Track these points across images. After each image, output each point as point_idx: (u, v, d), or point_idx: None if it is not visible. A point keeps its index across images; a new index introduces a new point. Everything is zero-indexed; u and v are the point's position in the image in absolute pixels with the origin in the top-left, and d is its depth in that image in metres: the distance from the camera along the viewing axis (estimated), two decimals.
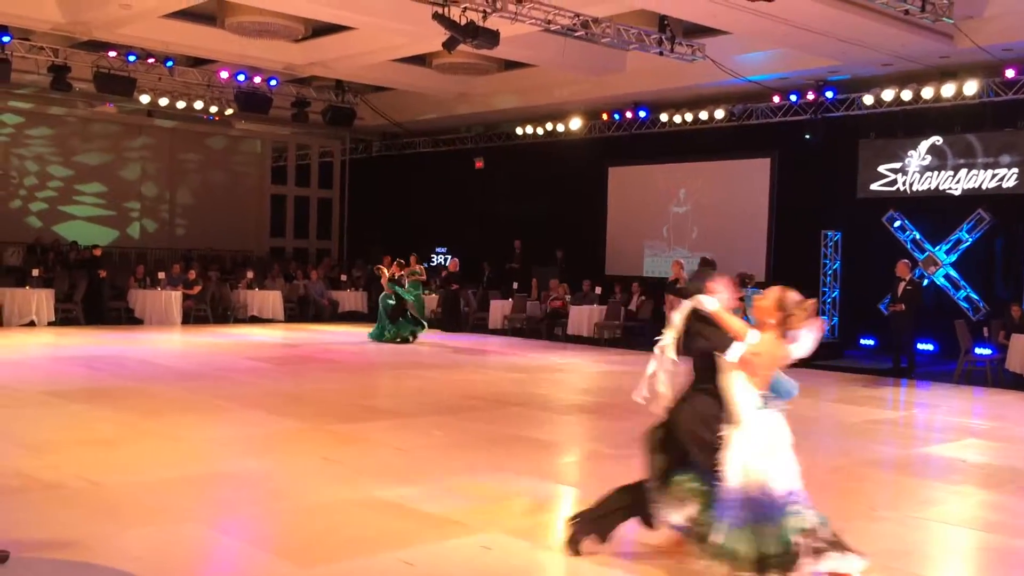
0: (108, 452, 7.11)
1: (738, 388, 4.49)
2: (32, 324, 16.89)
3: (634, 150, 19.76)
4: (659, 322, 16.41)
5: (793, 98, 16.91)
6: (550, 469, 7.25)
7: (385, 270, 16.97)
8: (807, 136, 16.88)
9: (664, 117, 18.71)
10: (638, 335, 17.21)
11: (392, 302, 16.61)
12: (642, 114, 19.03)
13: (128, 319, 18.43)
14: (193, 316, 18.85)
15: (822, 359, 14.65)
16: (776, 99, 17.13)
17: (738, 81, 15.95)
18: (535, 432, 8.48)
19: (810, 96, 16.67)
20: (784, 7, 11.80)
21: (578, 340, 17.46)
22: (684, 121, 18.45)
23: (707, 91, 17.33)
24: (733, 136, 18.10)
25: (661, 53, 14.32)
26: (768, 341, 4.48)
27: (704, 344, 4.68)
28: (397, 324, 16.56)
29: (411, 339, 16.64)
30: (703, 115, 18.11)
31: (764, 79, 16.29)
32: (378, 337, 16.58)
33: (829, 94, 16.48)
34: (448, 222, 23.06)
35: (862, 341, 16.51)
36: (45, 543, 4.80)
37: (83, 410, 8.84)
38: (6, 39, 16.03)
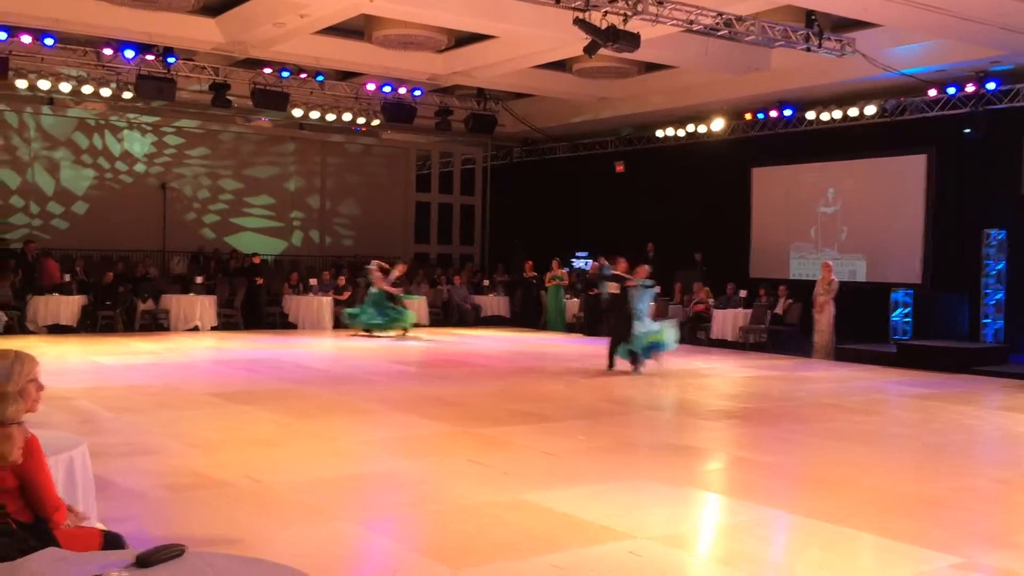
0: (269, 451, 7.45)
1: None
2: (196, 329, 17.87)
3: (779, 150, 19.26)
4: (807, 325, 15.99)
5: (951, 91, 16.10)
6: (696, 475, 7.16)
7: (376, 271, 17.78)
8: (967, 131, 16.06)
9: (811, 115, 18.16)
10: (785, 339, 16.77)
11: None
12: (787, 113, 18.53)
13: (283, 324, 19.25)
14: (343, 321, 19.48)
15: (985, 364, 13.95)
16: (932, 93, 16.36)
17: (891, 75, 15.32)
18: (680, 438, 8.39)
19: (970, 88, 15.84)
20: None
21: (722, 344, 17.15)
22: (832, 119, 17.86)
23: (857, 86, 16.71)
24: (886, 133, 17.40)
25: (808, 49, 13.91)
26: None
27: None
28: (387, 316, 17.45)
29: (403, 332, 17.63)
30: (853, 112, 17.48)
31: (919, 72, 15.60)
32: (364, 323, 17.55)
33: (991, 85, 15.62)
34: (589, 226, 23.05)
35: None
36: (216, 539, 5.10)
37: (244, 411, 9.28)
38: (171, 60, 17.06)
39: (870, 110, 17.26)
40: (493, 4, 13.75)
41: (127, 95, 18.03)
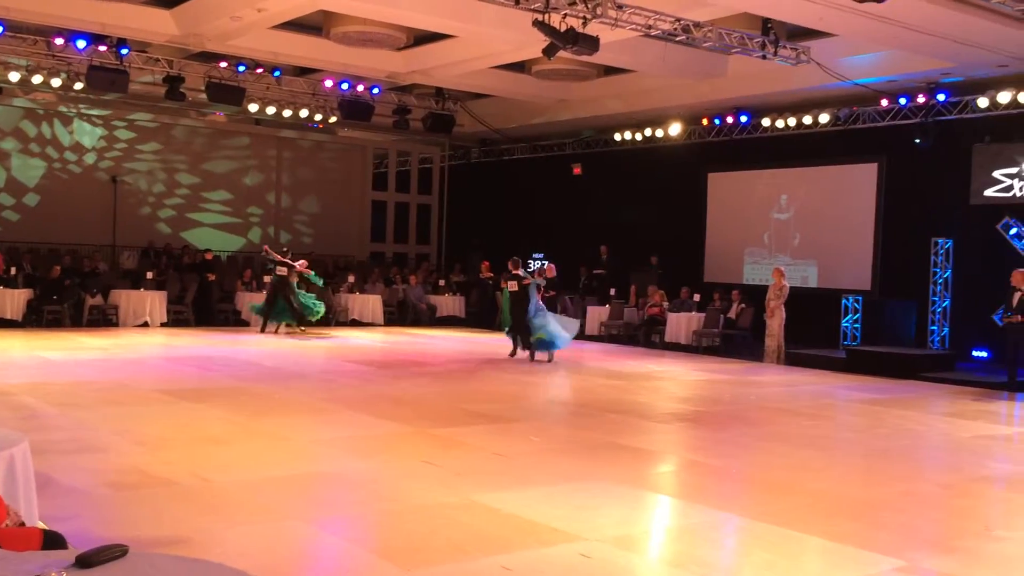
0: (218, 450, 7.35)
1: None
2: (145, 325, 17.61)
3: (735, 155, 19.47)
4: (759, 330, 16.19)
5: (903, 101, 16.41)
6: (647, 478, 7.20)
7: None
8: (917, 140, 16.35)
9: (766, 122, 18.37)
10: (738, 343, 16.95)
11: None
12: (743, 119, 18.74)
13: (235, 321, 19.02)
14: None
15: (932, 370, 14.21)
16: (884, 102, 16.65)
17: (844, 84, 15.56)
18: (633, 440, 8.43)
19: (921, 99, 16.14)
20: (894, 8, 11.47)
21: (676, 348, 17.29)
22: (787, 126, 18.09)
23: (812, 95, 16.95)
24: (839, 141, 17.66)
25: (764, 57, 14.06)
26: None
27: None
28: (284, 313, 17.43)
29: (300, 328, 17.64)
30: (807, 119, 17.73)
31: (872, 82, 15.86)
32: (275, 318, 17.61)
33: (941, 97, 15.94)
34: (546, 228, 23.11)
35: (974, 353, 15.87)
36: (160, 539, 5.01)
37: (194, 409, 9.15)
38: (124, 51, 16.77)
39: (824, 118, 17.52)
40: (453, 4, 13.73)
41: (78, 86, 17.70)
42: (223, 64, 17.95)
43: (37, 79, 17.46)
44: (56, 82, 17.59)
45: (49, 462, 6.26)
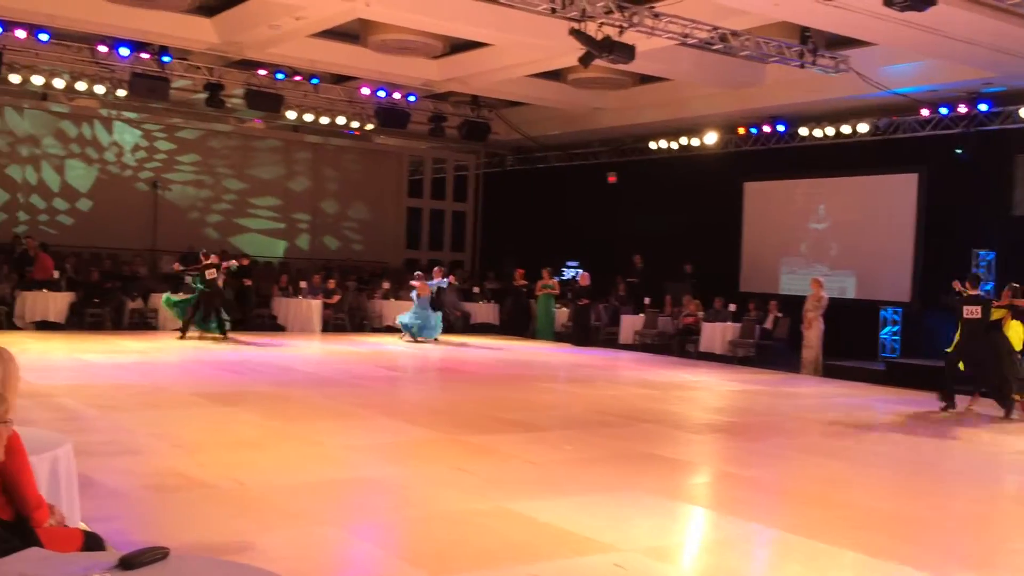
0: (253, 454, 7.43)
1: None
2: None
3: (771, 165, 19.34)
4: (796, 341, 16.04)
5: (943, 111, 16.21)
6: (682, 489, 7.17)
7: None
8: (958, 151, 16.14)
9: (804, 131, 18.24)
10: (774, 354, 16.81)
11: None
12: (780, 128, 18.62)
13: (272, 326, 19.20)
14: (332, 324, 19.48)
15: (972, 384, 13.98)
16: (925, 112, 16.45)
17: (884, 94, 15.40)
18: (666, 450, 8.40)
19: (962, 109, 15.94)
20: (936, 17, 11.34)
21: (711, 357, 17.19)
22: (825, 135, 17.94)
23: (850, 104, 16.80)
24: (878, 151, 17.48)
25: (802, 66, 13.99)
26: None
27: None
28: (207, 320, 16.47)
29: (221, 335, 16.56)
30: (845, 129, 17.57)
31: (912, 91, 15.68)
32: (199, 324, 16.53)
33: (983, 107, 15.72)
34: (580, 236, 23.09)
35: None
36: (198, 541, 5.08)
37: (230, 413, 9.26)
38: (166, 58, 17.03)
39: (863, 128, 17.35)
40: (489, 12, 13.78)
41: (121, 93, 17.99)
42: (262, 72, 18.17)
43: (81, 86, 17.76)
44: (100, 89, 17.89)
45: (90, 463, 6.36)
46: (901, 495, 7.26)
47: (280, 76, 18.30)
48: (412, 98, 19.76)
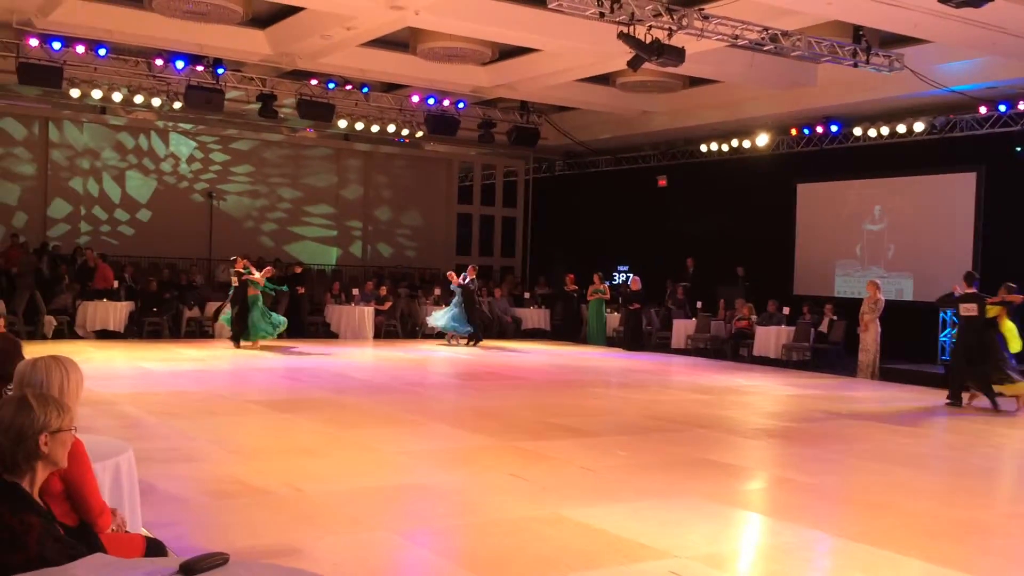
0: (310, 460, 7.50)
1: None
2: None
3: (825, 166, 19.07)
4: (852, 344, 15.78)
5: (1002, 108, 15.85)
6: (737, 494, 7.07)
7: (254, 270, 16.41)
8: (1018, 148, 15.78)
9: (858, 131, 17.96)
10: (830, 358, 16.55)
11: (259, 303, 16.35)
12: (834, 128, 18.35)
13: (325, 333, 19.39)
14: (384, 331, 19.62)
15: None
16: (983, 110, 16.11)
17: (940, 92, 15.11)
18: (722, 455, 8.30)
19: (1021, 106, 15.57)
20: (992, 13, 11.10)
21: (764, 362, 16.99)
22: (880, 135, 17.65)
23: (905, 102, 16.51)
24: (934, 150, 17.15)
25: (856, 65, 13.77)
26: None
27: None
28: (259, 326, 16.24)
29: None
30: (901, 128, 17.26)
31: (969, 89, 15.37)
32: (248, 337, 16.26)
33: None
34: (630, 240, 22.98)
35: None
36: (256, 547, 5.13)
37: (286, 419, 9.36)
38: (220, 70, 17.32)
39: (919, 127, 17.04)
40: (537, 18, 13.79)
41: (177, 105, 18.33)
42: (314, 82, 18.39)
43: (138, 99, 18.12)
44: (156, 102, 18.25)
45: (150, 470, 6.47)
46: (969, 502, 7.07)
47: (331, 85, 18.51)
48: (461, 105, 19.85)
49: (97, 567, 2.73)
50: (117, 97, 18.01)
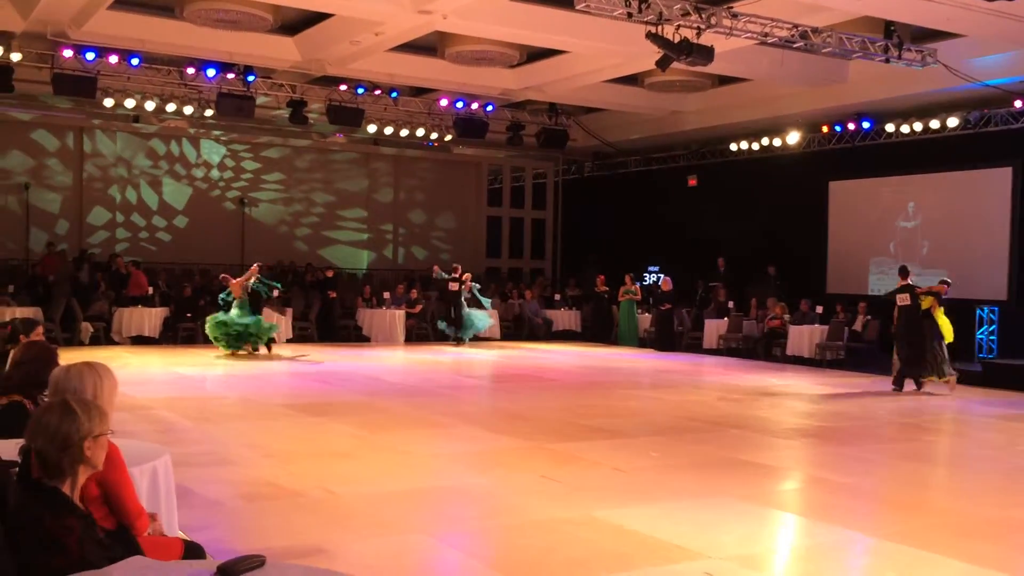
0: (342, 463, 7.55)
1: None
2: (272, 341, 18.17)
3: (857, 163, 18.88)
4: (887, 343, 15.59)
5: None
6: (772, 495, 7.03)
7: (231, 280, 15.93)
8: None
9: (891, 127, 17.77)
10: (864, 357, 16.38)
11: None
12: (866, 125, 18.17)
13: (356, 336, 19.49)
14: (415, 334, 19.69)
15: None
16: (1018, 104, 15.86)
17: (974, 86, 14.92)
18: (755, 456, 8.25)
19: None
20: None
21: (798, 361, 16.85)
22: (913, 131, 17.45)
23: (939, 98, 16.31)
24: (969, 145, 16.92)
25: (887, 60, 13.63)
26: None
27: None
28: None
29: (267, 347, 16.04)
30: (934, 124, 17.06)
31: (1004, 83, 15.15)
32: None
33: None
34: (661, 241, 22.90)
35: None
36: (291, 549, 5.17)
37: (319, 423, 9.42)
38: (251, 78, 17.48)
39: (952, 122, 16.82)
40: (565, 19, 13.78)
41: (208, 113, 18.52)
42: (343, 87, 18.51)
43: (171, 107, 18.34)
44: (188, 109, 18.45)
45: (186, 474, 6.54)
46: (1007, 502, 6.97)
47: (360, 91, 18.62)
48: (490, 108, 19.89)
49: (136, 569, 2.77)
50: (150, 106, 18.23)
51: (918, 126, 17.32)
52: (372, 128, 20.28)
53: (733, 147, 20.75)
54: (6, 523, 3.00)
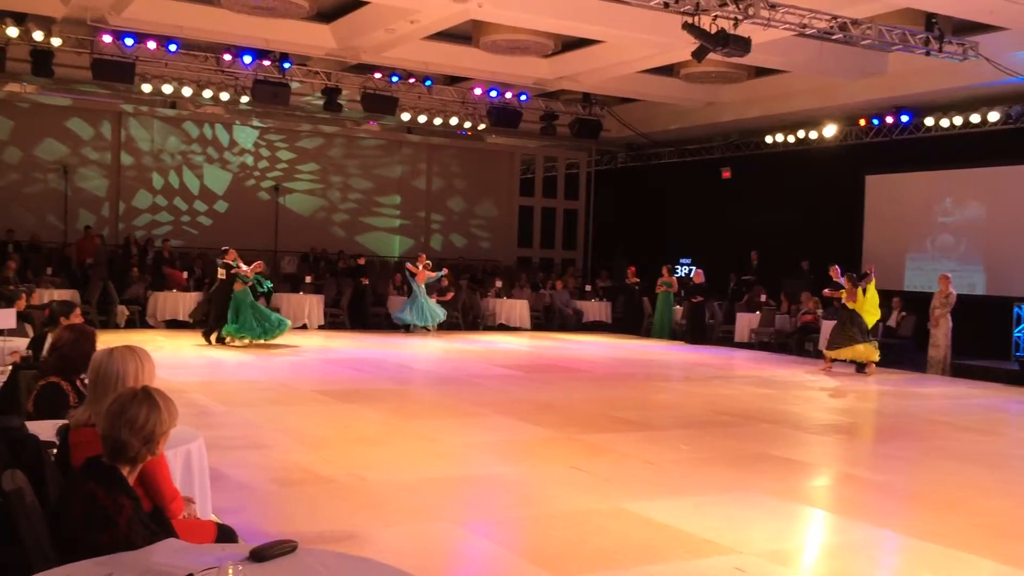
0: (373, 450, 7.59)
1: None
2: (304, 327, 18.31)
3: (895, 157, 18.63)
4: (922, 339, 15.41)
5: None
6: (802, 491, 6.98)
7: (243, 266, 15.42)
8: None
9: (930, 121, 17.51)
10: (899, 353, 16.20)
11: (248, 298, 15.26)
12: (905, 119, 17.92)
13: (387, 324, 19.57)
14: (446, 322, 19.71)
15: None
16: None
17: (1016, 80, 14.66)
18: (786, 451, 8.19)
19: None
20: None
21: None
22: (952, 125, 17.18)
23: (979, 92, 16.05)
24: (1010, 139, 16.63)
25: (928, 53, 13.43)
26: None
27: None
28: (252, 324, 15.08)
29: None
30: (975, 118, 16.79)
31: None
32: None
33: None
34: (693, 233, 22.76)
35: None
36: (322, 534, 5.22)
37: (350, 409, 9.48)
38: (287, 65, 17.57)
39: (993, 116, 16.54)
40: (600, 9, 13.71)
41: (244, 99, 18.63)
42: (377, 75, 18.55)
43: (207, 94, 18.47)
44: (224, 96, 18.57)
45: (219, 458, 6.60)
46: None
47: (395, 79, 18.65)
48: (523, 97, 19.84)
49: (172, 551, 2.80)
50: (187, 92, 18.37)
51: (958, 120, 17.05)
52: (406, 116, 20.31)
53: (768, 139, 20.56)
54: (50, 498, 3.06)
